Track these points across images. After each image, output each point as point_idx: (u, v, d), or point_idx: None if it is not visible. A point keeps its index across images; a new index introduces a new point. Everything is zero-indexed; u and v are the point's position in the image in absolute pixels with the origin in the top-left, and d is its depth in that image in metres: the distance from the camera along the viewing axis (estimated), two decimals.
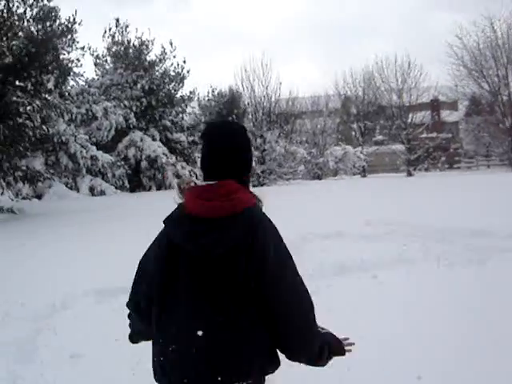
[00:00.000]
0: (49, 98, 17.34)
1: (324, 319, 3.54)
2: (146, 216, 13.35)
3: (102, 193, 23.45)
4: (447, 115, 40.15)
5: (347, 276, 6.11)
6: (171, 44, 29.01)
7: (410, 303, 4.99)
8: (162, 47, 29.14)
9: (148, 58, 29.28)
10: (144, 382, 3.20)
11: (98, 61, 29.19)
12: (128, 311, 2.19)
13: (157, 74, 28.89)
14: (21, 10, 15.98)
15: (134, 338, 2.34)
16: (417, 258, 6.87)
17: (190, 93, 31.37)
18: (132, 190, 25.81)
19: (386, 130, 34.99)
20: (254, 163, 22.67)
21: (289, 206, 12.74)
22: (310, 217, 9.93)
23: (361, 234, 8.71)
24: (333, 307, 4.58)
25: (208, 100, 36.86)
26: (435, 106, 39.48)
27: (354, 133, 37.53)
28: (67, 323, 5.02)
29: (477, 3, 65.46)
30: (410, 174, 30.97)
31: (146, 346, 3.41)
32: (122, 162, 25.68)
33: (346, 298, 5.18)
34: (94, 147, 23.95)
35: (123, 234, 10.24)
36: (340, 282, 5.83)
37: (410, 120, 32.93)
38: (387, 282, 5.76)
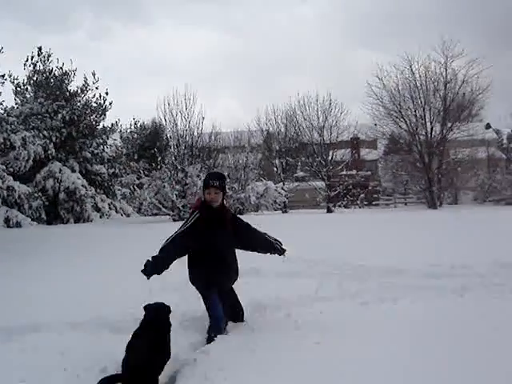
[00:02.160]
0: None
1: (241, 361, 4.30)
2: (58, 250, 13.89)
3: (18, 224, 23.52)
4: (367, 153, 42.40)
5: (263, 314, 6.39)
6: (94, 75, 29.73)
7: (324, 342, 5.25)
8: (85, 77, 29.90)
9: (70, 88, 29.98)
10: None
11: (18, 89, 29.53)
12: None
13: (78, 104, 29.42)
14: None
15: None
16: (332, 296, 7.22)
17: (112, 125, 32.26)
18: (49, 222, 26.05)
19: (307, 166, 36.51)
20: (177, 200, 23.28)
21: None
22: None
23: (278, 271, 8.95)
24: (247, 347, 5.16)
25: (130, 132, 37.44)
26: (355, 144, 41.49)
27: (275, 169, 38.71)
28: None
29: (399, 43, 68.97)
30: (329, 211, 32.51)
31: None
32: (40, 194, 25.90)
33: (262, 337, 5.50)
34: (11, 177, 23.99)
35: (33, 268, 10.68)
36: (255, 321, 6.08)
37: (330, 157, 34.71)
38: (301, 320, 6.00)
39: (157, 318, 4.85)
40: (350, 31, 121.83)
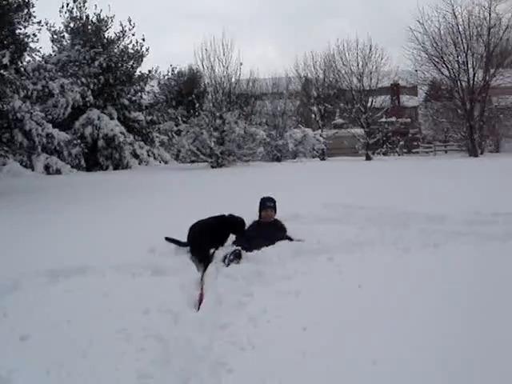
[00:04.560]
0: (4, 73, 17.59)
1: (285, 303, 4.35)
2: (102, 197, 14.03)
3: (58, 171, 23.99)
4: (407, 100, 41.59)
5: (304, 259, 6.36)
6: (130, 22, 29.55)
7: (366, 286, 5.26)
8: (121, 25, 29.62)
9: (107, 35, 29.76)
10: (96, 364, 3.84)
11: (55, 37, 29.66)
12: None
13: (115, 51, 29.28)
14: None
15: None
16: (373, 242, 7.09)
17: (150, 71, 31.93)
18: (88, 169, 26.45)
19: (346, 113, 36.04)
20: (215, 147, 23.40)
21: (247, 188, 13.27)
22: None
23: (318, 216, 8.99)
24: (290, 290, 5.21)
25: (168, 79, 37.29)
26: (395, 90, 40.80)
27: (313, 115, 38.42)
28: (18, 305, 5.00)
29: None
30: (368, 158, 32.22)
31: (98, 330, 4.38)
32: (79, 141, 26.20)
33: (303, 281, 5.54)
34: (50, 125, 24.39)
35: (77, 214, 10.75)
36: (296, 264, 6.15)
37: (369, 104, 34.12)
38: (343, 264, 6.01)
39: (231, 219, 7.20)
40: None
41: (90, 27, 29.46)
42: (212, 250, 6.83)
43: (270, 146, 30.95)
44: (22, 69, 21.85)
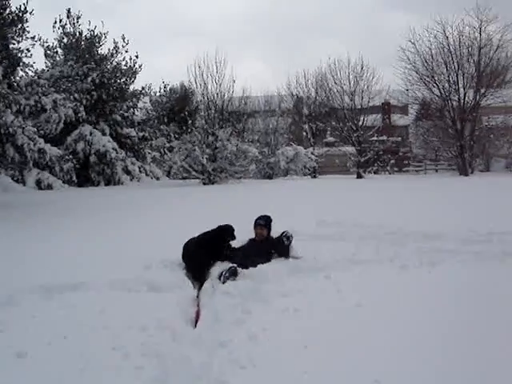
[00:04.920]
0: None
1: (284, 321, 4.31)
2: (96, 213, 13.95)
3: (49, 187, 23.93)
4: (398, 119, 41.72)
5: (301, 277, 6.34)
6: (123, 38, 29.57)
7: (365, 304, 5.23)
8: (114, 41, 29.65)
9: (100, 51, 29.71)
10: (94, 382, 3.78)
11: (48, 52, 29.69)
12: None
13: (108, 67, 29.29)
14: None
15: None
16: (370, 259, 7.12)
17: (143, 88, 31.90)
18: (80, 184, 26.33)
19: (337, 131, 36.13)
20: (207, 164, 23.37)
21: (239, 205, 13.23)
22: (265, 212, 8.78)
23: (313, 234, 9.00)
24: (288, 308, 5.18)
25: (160, 96, 37.30)
26: (386, 109, 40.91)
27: (305, 133, 38.48)
28: (13, 320, 4.91)
29: (432, 5, 67.36)
30: (359, 176, 32.18)
31: (95, 347, 4.30)
32: (71, 156, 26.07)
33: (301, 299, 5.50)
34: (42, 140, 24.24)
35: (70, 229, 10.68)
36: (293, 282, 6.14)
37: (361, 122, 34.12)
38: (340, 282, 5.99)
39: (219, 228, 7.26)
40: None
41: (83, 43, 29.50)
42: (208, 267, 6.77)
43: (261, 164, 30.99)
44: (15, 84, 21.87)
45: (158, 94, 38.00)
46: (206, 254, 6.92)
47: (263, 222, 7.74)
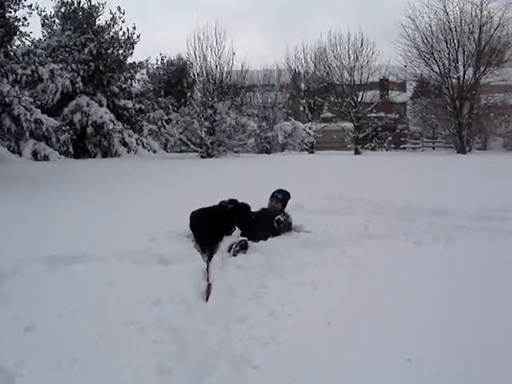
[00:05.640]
0: None
1: (303, 296, 4.08)
2: (93, 182, 13.69)
3: (46, 158, 23.53)
4: (396, 96, 41.36)
5: (314, 251, 6.11)
6: (119, 9, 28.92)
7: (385, 280, 5.04)
8: (111, 12, 29.04)
9: (98, 22, 29.11)
10: (110, 358, 3.54)
11: (45, 21, 29.04)
12: None
13: (106, 37, 28.65)
14: None
15: None
16: (383, 234, 6.89)
17: (140, 62, 31.33)
18: (76, 156, 25.93)
19: (336, 107, 35.77)
20: (206, 137, 23.07)
21: (241, 180, 13.00)
22: (261, 188, 8.61)
23: (320, 208, 8.77)
24: (305, 282, 4.96)
25: (157, 68, 36.79)
26: (385, 85, 40.55)
27: (302, 108, 38.15)
28: (19, 292, 4.67)
29: None
30: (357, 152, 32.01)
31: (108, 321, 4.05)
32: (67, 127, 25.65)
33: (318, 274, 5.28)
34: (39, 110, 23.79)
35: (72, 200, 10.39)
36: (307, 256, 5.89)
37: (359, 98, 33.81)
38: (356, 257, 5.79)
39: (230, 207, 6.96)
40: None
41: (81, 13, 28.86)
42: (217, 239, 6.55)
43: (259, 138, 30.67)
44: (12, 53, 21.40)
45: (154, 66, 37.50)
46: (215, 226, 6.69)
47: (280, 196, 7.50)
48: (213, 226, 6.66)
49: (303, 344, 3.71)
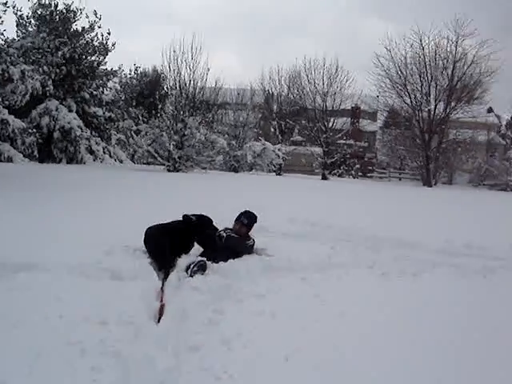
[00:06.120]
0: None
1: (261, 325, 3.78)
2: (53, 190, 13.19)
3: (9, 159, 22.85)
4: (366, 124, 41.67)
5: (275, 276, 5.85)
6: (96, 14, 28.46)
7: (348, 313, 4.78)
8: (87, 16, 28.54)
9: (74, 27, 28.51)
10: (41, 380, 3.24)
11: (20, 21, 28.34)
12: None
13: (80, 42, 28.13)
14: None
15: None
16: (347, 264, 6.62)
17: (112, 69, 30.90)
18: (41, 160, 25.33)
19: (306, 131, 35.81)
20: (174, 151, 22.74)
21: (206, 196, 12.67)
22: (226, 208, 8.68)
23: (285, 231, 8.57)
24: (264, 310, 4.67)
25: (130, 78, 36.44)
26: (356, 113, 40.78)
27: (273, 130, 38.14)
28: None
29: (411, 15, 67.59)
30: (324, 178, 31.92)
31: (47, 340, 3.69)
32: (34, 130, 25.04)
33: (277, 301, 5.01)
34: (6, 111, 23.15)
35: (27, 205, 9.95)
36: (267, 282, 5.65)
37: (330, 124, 33.82)
38: (318, 286, 5.56)
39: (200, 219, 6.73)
40: None
41: (58, 16, 28.33)
42: (174, 257, 6.21)
43: (228, 156, 30.45)
44: None
45: (128, 75, 37.12)
46: (173, 243, 6.35)
47: (246, 222, 7.03)
48: (169, 243, 6.32)
49: (257, 380, 3.40)
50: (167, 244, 6.26)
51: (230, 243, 6.54)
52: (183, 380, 3.37)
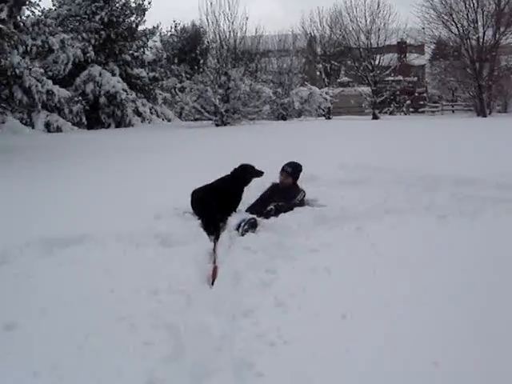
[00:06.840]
0: (2, 27, 16.66)
1: (315, 283, 3.66)
2: (101, 155, 13.16)
3: (59, 129, 23.17)
4: (414, 58, 40.34)
5: (328, 228, 5.66)
6: None
7: (405, 261, 4.58)
8: None
9: None
10: (94, 363, 3.13)
11: None
12: None
13: (117, 5, 27.90)
14: None
15: None
16: (403, 208, 6.36)
17: (153, 27, 30.71)
18: (90, 126, 25.50)
19: (353, 71, 34.94)
20: (220, 105, 22.52)
21: (256, 148, 12.41)
22: (277, 157, 8.32)
23: (336, 179, 8.29)
24: (319, 266, 4.49)
25: (171, 35, 36.15)
26: (403, 48, 39.56)
27: (318, 73, 37.39)
28: (4, 283, 4.33)
29: None
30: (375, 117, 31.25)
31: (97, 317, 3.62)
32: (80, 98, 25.17)
33: (332, 255, 4.81)
34: (51, 81, 23.25)
35: (78, 176, 9.82)
36: (321, 234, 5.46)
37: (377, 62, 32.90)
38: (374, 234, 5.32)
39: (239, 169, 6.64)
40: None
41: None
42: (223, 217, 6.11)
43: (275, 104, 30.00)
44: (21, 23, 20.90)
45: (168, 33, 36.83)
46: (221, 202, 6.23)
47: (290, 170, 6.94)
48: (217, 203, 6.20)
49: (313, 344, 3.21)
50: (214, 204, 6.13)
51: (281, 212, 6.26)
52: (237, 347, 3.23)
